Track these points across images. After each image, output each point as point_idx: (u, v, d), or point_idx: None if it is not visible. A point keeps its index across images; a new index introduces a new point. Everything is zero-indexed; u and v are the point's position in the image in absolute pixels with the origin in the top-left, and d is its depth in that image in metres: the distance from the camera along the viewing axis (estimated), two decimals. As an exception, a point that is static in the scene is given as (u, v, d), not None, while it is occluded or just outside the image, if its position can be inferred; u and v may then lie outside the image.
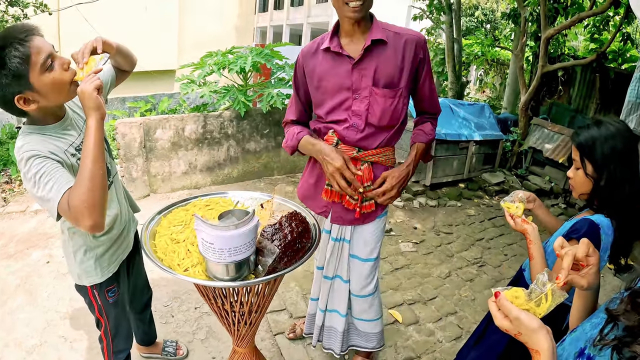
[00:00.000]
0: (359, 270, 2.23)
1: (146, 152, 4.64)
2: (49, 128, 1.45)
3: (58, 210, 1.29)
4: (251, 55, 4.77)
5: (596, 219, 1.54)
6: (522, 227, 1.67)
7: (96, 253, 1.69)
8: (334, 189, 1.97)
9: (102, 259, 1.71)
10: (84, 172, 1.28)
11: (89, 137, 1.31)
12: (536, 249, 1.63)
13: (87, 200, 1.25)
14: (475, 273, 4.12)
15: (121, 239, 1.82)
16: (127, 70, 1.86)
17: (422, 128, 2.12)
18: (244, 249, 1.23)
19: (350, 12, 1.71)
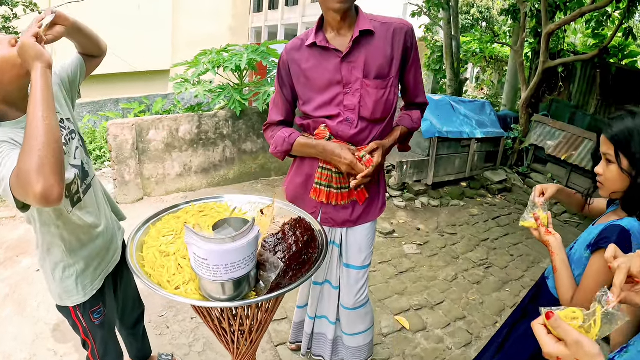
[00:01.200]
0: (353, 279, 2.12)
1: (139, 154, 4.48)
2: (6, 124, 1.28)
3: (11, 189, 1.11)
4: (247, 52, 4.62)
5: (626, 224, 1.40)
6: (545, 238, 1.55)
7: (77, 269, 1.54)
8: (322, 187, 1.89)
9: (84, 275, 1.56)
10: (30, 129, 1.09)
11: (35, 89, 1.13)
12: (560, 261, 1.51)
13: (35, 161, 1.06)
14: (482, 275, 4.00)
15: (105, 252, 1.66)
16: (96, 55, 1.66)
17: (409, 113, 2.03)
18: (243, 264, 1.06)
19: (336, 2, 1.61)
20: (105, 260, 1.67)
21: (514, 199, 6.23)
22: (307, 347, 2.45)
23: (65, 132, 1.45)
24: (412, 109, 2.04)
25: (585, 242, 1.53)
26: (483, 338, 3.11)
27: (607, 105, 7.45)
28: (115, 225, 1.81)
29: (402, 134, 1.96)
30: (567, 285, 1.47)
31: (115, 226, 1.81)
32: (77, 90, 1.63)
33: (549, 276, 1.79)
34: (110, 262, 1.71)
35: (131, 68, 8.85)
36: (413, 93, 1.96)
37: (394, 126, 1.99)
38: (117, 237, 1.80)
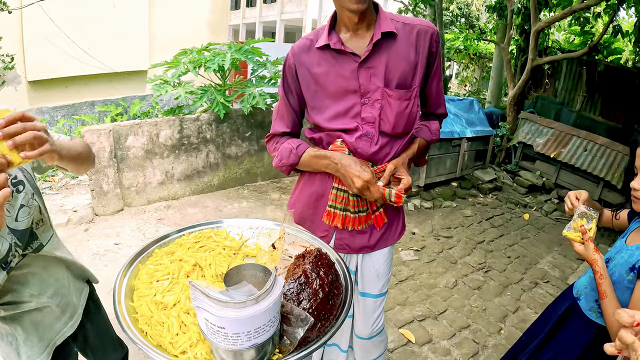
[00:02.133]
0: (370, 308, 1.91)
1: (117, 162, 4.21)
2: None
3: None
4: (230, 52, 4.38)
5: None
6: (593, 257, 1.42)
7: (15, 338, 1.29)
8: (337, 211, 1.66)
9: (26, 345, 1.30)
10: None
11: None
12: (608, 285, 1.39)
13: None
14: (482, 280, 3.90)
15: (51, 318, 1.38)
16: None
17: (427, 124, 1.80)
18: (268, 327, 0.84)
19: (353, 3, 1.38)
20: (53, 329, 1.40)
21: (505, 198, 6.16)
22: None
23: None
24: (430, 119, 1.82)
25: (627, 265, 1.41)
26: (489, 347, 3.03)
27: (593, 101, 7.42)
28: (74, 291, 1.50)
29: (421, 147, 1.76)
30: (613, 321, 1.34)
31: (73, 292, 1.50)
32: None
33: (580, 297, 1.66)
34: (62, 330, 1.44)
35: (107, 69, 8.50)
36: (435, 104, 1.74)
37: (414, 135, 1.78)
38: (77, 304, 1.52)
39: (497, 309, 3.47)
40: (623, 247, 1.49)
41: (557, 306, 1.78)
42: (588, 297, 1.61)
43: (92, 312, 1.62)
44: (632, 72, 6.93)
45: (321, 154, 1.59)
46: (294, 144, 1.67)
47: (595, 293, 1.56)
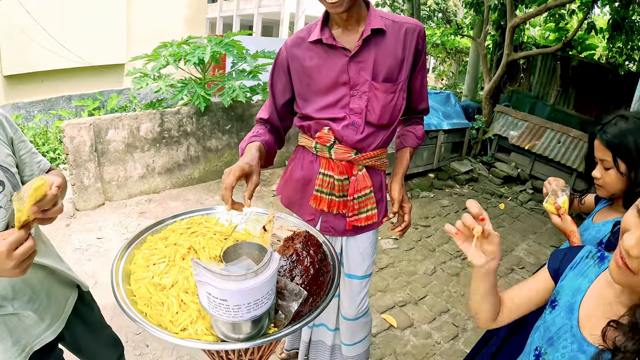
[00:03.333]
0: (356, 289, 2.00)
1: (98, 156, 4.19)
2: None
3: None
4: (210, 45, 4.40)
5: None
6: (571, 228, 1.53)
7: None
8: (324, 195, 1.75)
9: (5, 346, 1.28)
10: None
11: None
12: None
13: None
14: (460, 266, 4.03)
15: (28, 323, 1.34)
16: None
17: (413, 130, 1.90)
18: (266, 299, 0.91)
19: (330, 7, 1.47)
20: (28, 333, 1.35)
21: (481, 189, 6.31)
22: (304, 354, 2.36)
23: None
24: (414, 121, 1.92)
25: (595, 240, 1.52)
26: (468, 329, 3.15)
27: (567, 96, 7.64)
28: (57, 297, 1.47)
29: (410, 155, 1.88)
30: None
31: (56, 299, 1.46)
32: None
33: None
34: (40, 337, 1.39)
35: (84, 62, 8.37)
36: (418, 98, 1.81)
37: (400, 147, 1.90)
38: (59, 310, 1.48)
39: (475, 294, 3.59)
40: (590, 225, 1.60)
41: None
42: None
43: (82, 314, 1.62)
44: (605, 67, 7.16)
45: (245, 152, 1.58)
46: (254, 133, 1.69)
47: None
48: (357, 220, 1.78)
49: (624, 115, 1.46)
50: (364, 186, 1.74)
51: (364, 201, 1.75)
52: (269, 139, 1.72)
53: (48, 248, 1.47)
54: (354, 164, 1.71)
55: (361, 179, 1.73)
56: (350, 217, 1.78)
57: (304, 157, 1.82)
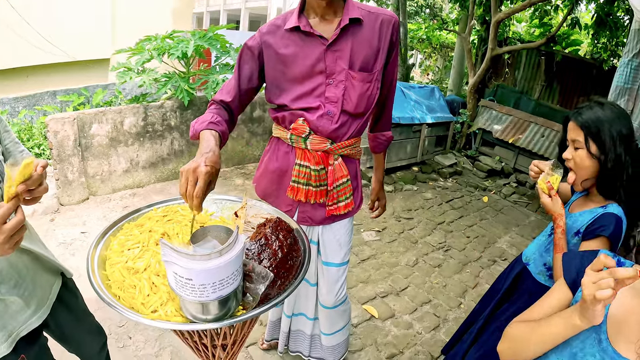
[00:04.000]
0: (333, 277, 2.03)
1: (82, 150, 4.18)
2: None
3: None
4: (194, 39, 4.39)
5: (618, 212, 1.47)
6: (560, 211, 1.55)
7: None
8: (300, 186, 1.77)
9: None
10: None
11: None
12: (564, 242, 1.54)
13: None
14: (442, 258, 4.07)
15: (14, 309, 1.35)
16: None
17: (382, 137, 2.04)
18: (232, 279, 0.94)
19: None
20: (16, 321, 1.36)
21: (465, 182, 6.36)
22: (284, 344, 2.38)
23: None
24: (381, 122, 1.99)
25: (572, 230, 1.57)
26: (450, 320, 3.18)
27: (551, 90, 7.73)
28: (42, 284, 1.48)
29: (384, 158, 2.15)
30: None
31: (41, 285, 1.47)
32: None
33: (529, 262, 1.81)
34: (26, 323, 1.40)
35: (68, 57, 8.29)
36: (389, 87, 1.85)
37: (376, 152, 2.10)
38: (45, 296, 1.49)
39: (457, 285, 3.64)
40: (567, 214, 1.63)
41: (509, 273, 1.91)
42: (537, 262, 1.75)
43: (66, 301, 1.62)
44: (589, 62, 7.25)
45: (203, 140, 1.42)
46: (213, 119, 1.51)
47: (543, 258, 1.72)
48: (336, 209, 1.81)
49: (600, 102, 1.51)
50: (341, 175, 1.77)
51: (341, 190, 1.79)
52: (225, 130, 1.56)
53: (32, 234, 1.48)
54: (329, 153, 1.74)
55: (338, 168, 1.76)
56: (330, 207, 1.81)
57: (278, 148, 1.83)
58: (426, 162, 6.60)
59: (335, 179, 1.76)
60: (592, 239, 1.46)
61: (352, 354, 2.70)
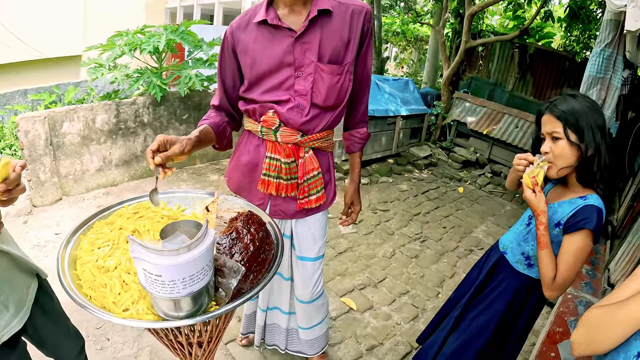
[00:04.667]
0: (309, 272, 2.02)
1: (54, 149, 4.09)
2: None
3: None
4: (165, 33, 4.33)
5: (598, 204, 1.49)
6: (543, 207, 1.53)
7: None
8: (271, 179, 1.76)
9: None
10: None
11: None
12: (548, 237, 1.53)
13: None
14: (419, 249, 4.11)
15: None
16: None
17: (357, 134, 1.98)
18: (202, 275, 0.93)
19: None
20: None
21: (440, 173, 6.44)
22: (260, 338, 2.36)
23: None
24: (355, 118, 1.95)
25: (551, 221, 1.57)
26: (428, 310, 3.21)
27: (524, 82, 7.85)
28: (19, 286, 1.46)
29: (360, 158, 2.02)
30: (552, 264, 1.50)
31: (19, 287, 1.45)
32: None
33: (506, 251, 1.82)
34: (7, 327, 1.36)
35: (39, 55, 8.08)
36: (362, 80, 1.83)
37: (349, 152, 2.02)
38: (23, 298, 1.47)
39: (434, 275, 3.68)
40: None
41: (486, 262, 1.92)
42: (514, 251, 1.77)
43: (42, 303, 1.60)
44: (562, 54, 7.38)
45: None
46: (204, 117, 1.77)
47: (521, 247, 1.73)
48: (308, 203, 1.80)
49: (573, 94, 1.53)
50: (312, 168, 1.75)
51: (313, 183, 1.78)
52: (219, 120, 1.75)
53: (6, 235, 1.45)
54: (300, 146, 1.72)
55: (308, 161, 1.74)
56: (301, 200, 1.80)
57: (249, 141, 1.81)
58: (401, 154, 6.64)
59: (305, 172, 1.75)
60: (575, 232, 1.47)
61: (331, 347, 2.70)
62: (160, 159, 1.30)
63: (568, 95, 1.53)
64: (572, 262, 1.46)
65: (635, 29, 2.91)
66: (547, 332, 2.53)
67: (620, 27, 3.19)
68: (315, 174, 1.77)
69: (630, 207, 4.42)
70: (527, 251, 1.71)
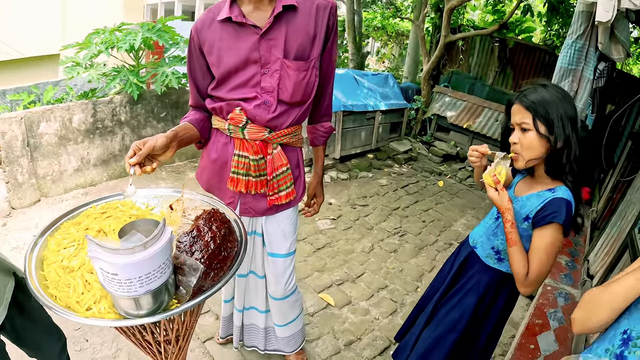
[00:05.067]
0: (281, 268, 2.03)
1: (31, 150, 4.05)
2: None
3: None
4: (142, 31, 4.30)
5: (567, 197, 1.48)
6: (507, 205, 1.52)
7: None
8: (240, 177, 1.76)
9: None
10: None
11: None
12: (516, 234, 1.52)
13: None
14: (398, 243, 4.13)
15: None
16: None
17: (320, 128, 2.00)
18: (159, 273, 0.95)
19: None
20: None
21: (420, 167, 6.49)
22: (238, 339, 2.36)
23: None
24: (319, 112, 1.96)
25: (520, 215, 1.56)
26: (407, 304, 3.23)
27: (505, 76, 7.94)
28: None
29: (323, 151, 2.07)
30: (523, 260, 1.50)
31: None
32: None
33: (476, 245, 1.82)
34: None
35: (17, 54, 7.95)
36: (326, 74, 1.83)
37: (313, 145, 2.04)
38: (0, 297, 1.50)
39: (413, 269, 3.71)
40: (513, 198, 1.62)
41: (457, 258, 1.93)
42: (484, 246, 1.77)
43: (20, 302, 1.61)
44: (541, 48, 7.47)
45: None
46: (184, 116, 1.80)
47: (491, 242, 1.73)
48: (278, 199, 1.82)
49: (544, 84, 1.51)
50: (281, 164, 1.76)
51: (282, 179, 1.79)
52: (199, 117, 1.79)
53: None
54: (268, 142, 1.73)
55: (277, 157, 1.75)
56: (270, 196, 1.81)
57: (218, 139, 1.81)
58: (381, 148, 6.68)
59: (274, 168, 1.75)
60: (544, 225, 1.47)
61: (309, 343, 2.72)
62: (135, 159, 1.33)
63: (539, 85, 1.52)
64: (544, 257, 1.45)
65: (606, 19, 2.93)
66: (526, 324, 2.57)
67: (592, 19, 3.19)
68: (284, 170, 1.78)
69: (609, 199, 4.50)
70: (497, 245, 1.71)
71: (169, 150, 1.49)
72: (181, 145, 1.62)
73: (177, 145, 1.56)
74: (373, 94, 6.32)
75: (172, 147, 1.52)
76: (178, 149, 1.61)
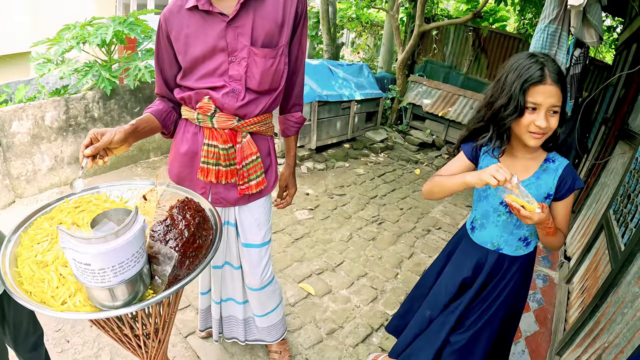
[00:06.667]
0: (256, 258, 2.02)
1: (3, 150, 3.97)
2: None
3: None
4: (113, 25, 4.24)
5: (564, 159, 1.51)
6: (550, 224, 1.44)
7: None
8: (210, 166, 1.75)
9: None
10: None
11: None
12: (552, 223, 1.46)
13: None
14: (376, 231, 4.17)
15: None
16: None
17: (292, 118, 1.98)
18: (133, 262, 0.95)
19: None
20: None
21: (397, 156, 6.55)
22: (218, 332, 2.34)
23: None
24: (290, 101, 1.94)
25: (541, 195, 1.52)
26: (387, 291, 3.25)
27: (479, 64, 8.04)
28: None
29: (295, 141, 2.06)
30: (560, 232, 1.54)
31: None
32: None
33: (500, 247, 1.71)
34: None
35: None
36: (296, 63, 1.82)
37: (284, 136, 2.03)
38: None
39: (392, 256, 3.75)
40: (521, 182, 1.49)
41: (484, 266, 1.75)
42: (510, 242, 1.68)
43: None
44: (515, 37, 7.59)
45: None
46: (148, 106, 1.77)
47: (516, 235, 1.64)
48: (248, 188, 1.80)
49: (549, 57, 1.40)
50: (250, 152, 1.75)
51: (252, 168, 1.77)
52: (162, 107, 1.77)
53: None
54: (237, 131, 1.71)
55: (246, 146, 1.73)
56: (241, 186, 1.80)
57: (187, 129, 1.80)
58: (357, 138, 6.73)
59: (244, 157, 1.74)
60: (571, 193, 1.49)
61: (291, 333, 2.72)
62: (90, 151, 1.32)
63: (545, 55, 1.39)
64: (569, 216, 1.52)
65: (578, 3, 2.93)
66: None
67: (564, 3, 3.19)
68: (254, 158, 1.76)
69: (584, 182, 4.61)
70: (523, 234, 1.65)
71: (126, 144, 1.48)
72: (140, 138, 1.61)
73: (135, 138, 1.55)
74: (348, 83, 6.34)
75: (129, 141, 1.50)
76: (137, 141, 1.61)
